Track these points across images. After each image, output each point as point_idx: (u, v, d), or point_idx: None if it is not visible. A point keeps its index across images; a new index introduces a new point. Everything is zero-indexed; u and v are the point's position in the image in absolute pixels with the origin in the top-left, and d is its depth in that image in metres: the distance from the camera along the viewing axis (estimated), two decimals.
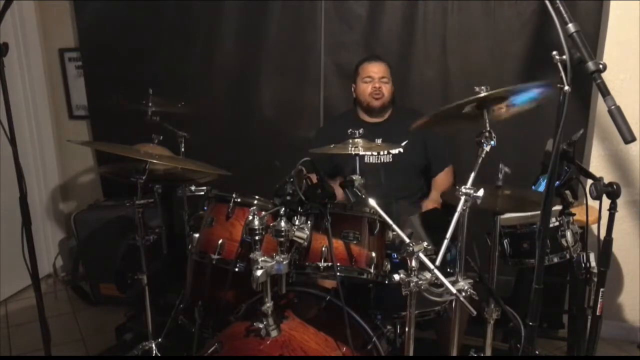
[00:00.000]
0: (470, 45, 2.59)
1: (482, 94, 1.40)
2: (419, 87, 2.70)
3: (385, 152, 2.36)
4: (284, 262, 1.39)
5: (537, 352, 2.03)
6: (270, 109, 2.97)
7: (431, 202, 2.37)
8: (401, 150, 2.30)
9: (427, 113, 1.61)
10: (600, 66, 1.00)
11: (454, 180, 2.47)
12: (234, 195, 1.75)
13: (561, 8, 1.02)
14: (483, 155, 1.44)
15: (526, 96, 1.54)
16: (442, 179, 2.45)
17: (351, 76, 2.53)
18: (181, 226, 2.39)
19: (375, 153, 2.36)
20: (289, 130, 2.94)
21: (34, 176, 3.37)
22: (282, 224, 1.42)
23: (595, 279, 1.50)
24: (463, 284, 1.36)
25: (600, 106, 2.39)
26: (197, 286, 1.90)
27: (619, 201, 1.35)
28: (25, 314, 2.94)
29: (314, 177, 1.60)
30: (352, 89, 2.52)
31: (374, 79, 2.39)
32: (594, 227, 1.67)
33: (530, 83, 1.47)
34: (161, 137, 2.10)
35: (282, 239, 1.41)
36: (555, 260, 1.73)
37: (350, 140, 1.71)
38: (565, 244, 1.72)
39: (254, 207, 1.56)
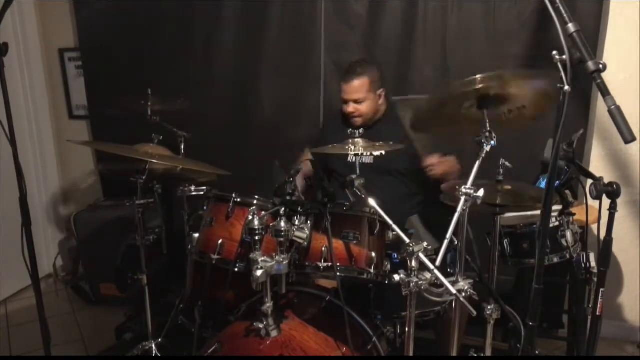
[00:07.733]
0: (470, 45, 2.58)
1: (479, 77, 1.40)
2: (418, 87, 2.69)
3: (368, 153, 2.27)
4: (284, 262, 1.39)
5: (537, 352, 2.03)
6: (270, 109, 2.97)
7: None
8: (383, 152, 2.19)
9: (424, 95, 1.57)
10: (600, 66, 1.00)
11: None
12: (233, 195, 1.74)
13: (561, 8, 1.02)
14: (483, 155, 1.44)
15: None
16: None
17: None
18: (181, 226, 2.39)
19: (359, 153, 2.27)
20: (289, 130, 2.94)
21: (34, 176, 3.37)
22: (282, 224, 1.42)
23: (595, 279, 1.50)
24: (463, 284, 1.36)
25: (600, 106, 2.39)
26: (197, 286, 1.90)
27: (619, 201, 1.35)
28: (25, 314, 2.94)
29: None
30: None
31: (348, 103, 2.25)
32: (594, 227, 1.67)
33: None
34: (161, 137, 2.10)
35: (282, 239, 1.41)
36: (555, 260, 1.73)
37: (350, 141, 1.69)
38: (565, 244, 1.72)
39: (254, 207, 1.56)
